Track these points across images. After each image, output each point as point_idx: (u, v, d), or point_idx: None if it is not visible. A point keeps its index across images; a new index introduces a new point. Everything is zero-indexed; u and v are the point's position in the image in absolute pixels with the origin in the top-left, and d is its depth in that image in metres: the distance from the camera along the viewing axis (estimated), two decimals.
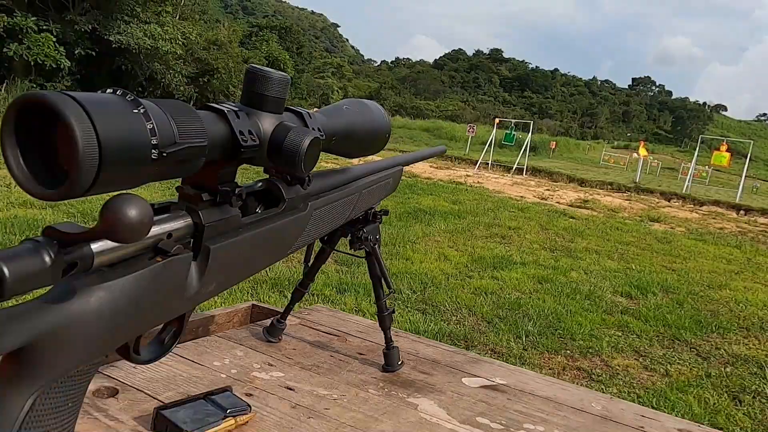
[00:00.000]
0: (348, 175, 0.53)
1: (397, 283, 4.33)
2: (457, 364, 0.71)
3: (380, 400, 0.57)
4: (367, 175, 0.57)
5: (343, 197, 0.50)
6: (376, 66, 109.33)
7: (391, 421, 0.52)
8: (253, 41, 35.73)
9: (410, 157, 0.76)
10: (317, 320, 0.80)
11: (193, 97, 23.72)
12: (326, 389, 0.57)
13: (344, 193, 0.51)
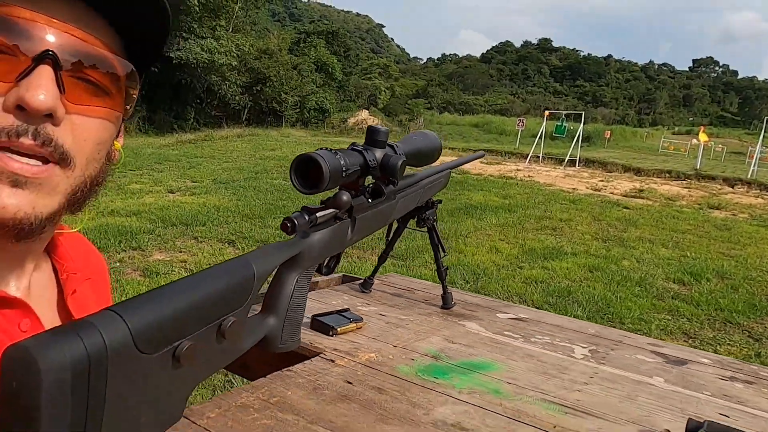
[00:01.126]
0: (416, 177, 0.83)
1: (451, 274, 4.60)
2: (495, 306, 1.00)
3: (440, 321, 0.87)
4: (428, 176, 0.86)
5: (414, 191, 0.81)
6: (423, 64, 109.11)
7: (449, 331, 0.82)
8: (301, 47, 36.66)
9: (456, 163, 1.05)
10: (393, 281, 1.11)
11: (248, 105, 24.76)
12: (405, 316, 0.88)
13: (415, 189, 0.81)
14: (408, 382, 0.62)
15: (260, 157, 11.58)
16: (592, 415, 0.58)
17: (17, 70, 0.41)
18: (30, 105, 0.41)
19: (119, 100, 0.49)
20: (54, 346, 0.31)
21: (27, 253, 0.51)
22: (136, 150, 11.71)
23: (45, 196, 0.44)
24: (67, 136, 0.44)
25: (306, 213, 0.55)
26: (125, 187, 7.54)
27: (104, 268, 0.69)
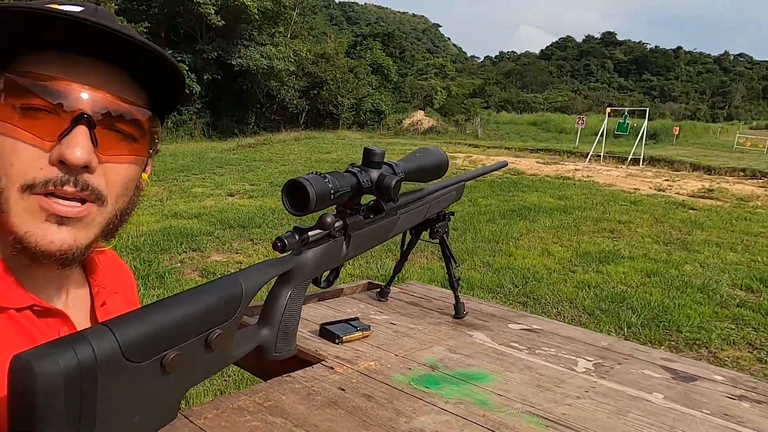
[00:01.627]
0: (422, 192, 0.86)
1: (499, 278, 4.55)
2: (509, 317, 1.01)
3: (448, 331, 0.89)
4: (436, 191, 0.89)
5: (418, 206, 0.84)
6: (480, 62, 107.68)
7: (454, 341, 0.85)
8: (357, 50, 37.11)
9: (471, 174, 1.06)
10: (412, 290, 1.15)
11: (305, 109, 25.35)
12: (414, 325, 0.91)
13: (419, 204, 0.84)
14: (398, 390, 0.65)
15: (315, 160, 11.85)
16: (573, 430, 0.59)
17: (59, 130, 0.50)
18: (70, 161, 0.49)
19: (145, 144, 0.57)
20: (49, 356, 0.37)
21: (67, 273, 0.60)
22: (200, 155, 12.29)
23: (83, 229, 0.53)
24: (101, 179, 0.53)
25: (297, 233, 0.60)
26: (188, 191, 7.94)
27: (132, 284, 0.77)
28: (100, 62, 0.52)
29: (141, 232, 5.33)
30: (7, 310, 0.52)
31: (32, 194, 0.50)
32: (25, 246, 0.51)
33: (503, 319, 0.99)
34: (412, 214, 0.82)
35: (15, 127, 0.50)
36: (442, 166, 0.84)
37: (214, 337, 0.49)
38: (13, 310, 0.52)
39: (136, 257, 4.52)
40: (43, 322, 0.56)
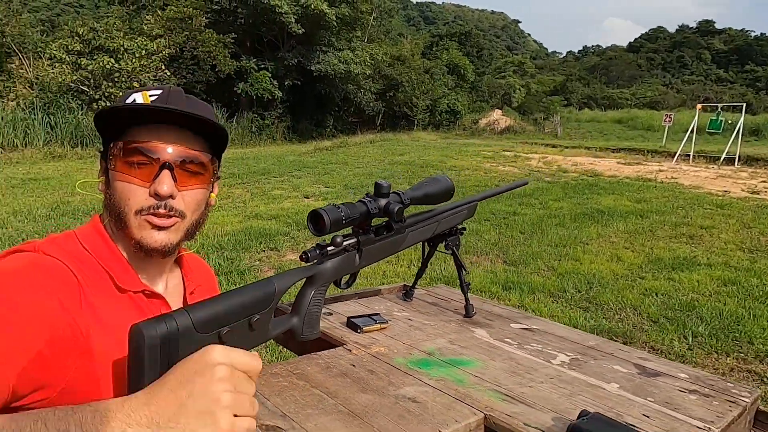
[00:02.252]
0: (431, 213, 1.05)
1: (563, 282, 4.57)
2: (514, 317, 1.18)
3: (454, 327, 1.08)
4: (444, 212, 1.08)
5: (426, 225, 1.03)
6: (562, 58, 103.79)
7: (456, 335, 1.03)
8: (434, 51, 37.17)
9: (486, 194, 1.23)
10: (437, 293, 1.34)
11: (381, 111, 25.85)
12: (428, 321, 1.11)
13: (427, 223, 1.03)
14: (396, 369, 0.85)
15: (389, 162, 12.15)
16: (523, 403, 0.77)
17: (153, 174, 0.78)
18: (160, 194, 0.77)
19: (208, 176, 0.84)
20: (152, 325, 0.61)
21: (165, 265, 0.88)
22: (279, 158, 12.98)
23: (173, 233, 0.81)
24: (181, 203, 0.80)
25: (318, 248, 0.82)
26: (268, 193, 8.49)
27: (213, 278, 1.04)
28: (176, 127, 0.80)
29: (225, 232, 5.84)
30: (128, 292, 0.79)
31: (141, 216, 0.79)
32: (141, 245, 0.79)
33: (508, 319, 1.16)
34: (420, 232, 1.02)
35: (129, 176, 0.79)
36: (447, 192, 1.03)
37: (255, 320, 0.71)
38: (131, 292, 0.79)
39: (221, 255, 4.99)
40: (150, 302, 0.83)
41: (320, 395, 0.74)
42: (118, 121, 0.79)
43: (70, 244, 0.80)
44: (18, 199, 7.32)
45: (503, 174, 11.09)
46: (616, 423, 0.67)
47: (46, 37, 19.50)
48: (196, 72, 18.05)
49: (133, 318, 0.65)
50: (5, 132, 11.83)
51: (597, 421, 0.67)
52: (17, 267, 0.72)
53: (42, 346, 0.67)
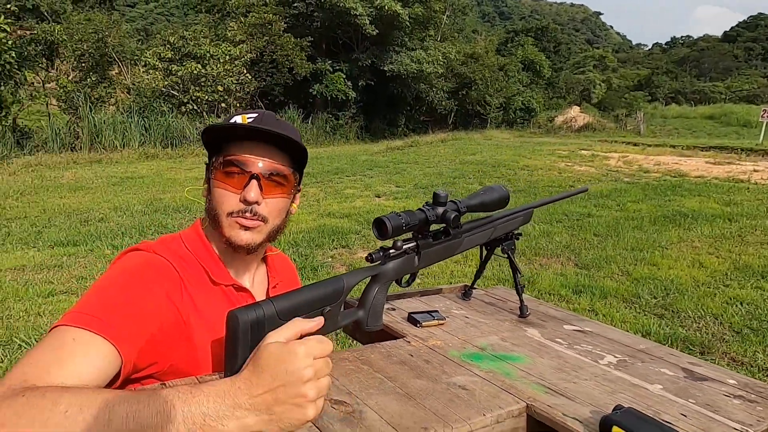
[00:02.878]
0: (487, 219, 1.13)
1: (637, 288, 4.43)
2: (568, 319, 1.23)
3: (508, 326, 1.15)
4: (501, 218, 1.15)
5: (482, 230, 1.11)
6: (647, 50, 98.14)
7: (509, 333, 1.11)
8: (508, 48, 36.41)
9: (543, 201, 1.29)
10: (495, 293, 1.41)
11: (453, 109, 25.72)
12: (483, 320, 1.19)
13: (483, 228, 1.11)
14: (449, 360, 0.95)
15: (460, 162, 12.13)
16: (564, 396, 0.84)
17: (243, 183, 0.93)
18: (248, 200, 0.92)
19: (290, 187, 0.98)
20: (245, 311, 0.75)
21: (251, 262, 1.03)
22: (352, 157, 13.31)
23: (257, 234, 0.96)
24: (265, 209, 0.94)
25: (382, 250, 0.94)
26: (341, 192, 8.77)
27: (295, 274, 1.18)
28: (265, 144, 0.94)
29: (300, 230, 6.13)
30: (220, 285, 0.94)
31: (231, 217, 0.94)
32: (230, 242, 0.95)
33: (562, 321, 1.22)
34: (476, 236, 1.10)
35: (224, 183, 0.94)
36: (502, 200, 1.11)
37: (326, 311, 0.84)
38: (223, 285, 0.95)
39: (296, 251, 5.26)
40: (239, 295, 0.98)
41: (381, 378, 0.85)
42: (220, 139, 0.95)
43: (175, 244, 0.97)
44: (117, 195, 8.05)
45: (578, 174, 10.75)
46: (647, 417, 0.73)
47: (141, 45, 21.10)
48: (275, 75, 18.84)
49: (225, 308, 0.79)
50: (106, 134, 12.96)
51: (629, 415, 0.73)
52: (135, 265, 0.89)
53: (155, 330, 0.83)
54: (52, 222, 6.37)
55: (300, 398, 0.63)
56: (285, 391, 0.63)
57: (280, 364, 0.64)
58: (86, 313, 0.75)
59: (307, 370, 0.64)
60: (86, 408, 0.58)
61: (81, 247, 5.34)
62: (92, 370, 0.71)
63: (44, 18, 17.57)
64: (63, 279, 4.38)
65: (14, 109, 12.86)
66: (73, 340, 0.72)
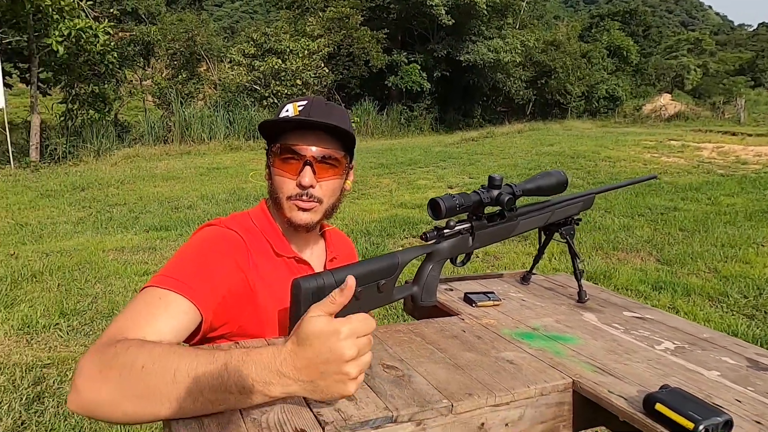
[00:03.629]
0: (544, 204, 1.14)
1: (725, 286, 4.15)
2: (629, 306, 1.21)
3: (564, 310, 1.16)
4: (559, 202, 1.16)
5: (538, 214, 1.12)
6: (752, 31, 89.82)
7: (564, 317, 1.12)
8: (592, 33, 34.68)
9: (607, 188, 1.28)
10: (555, 279, 1.41)
11: (531, 99, 24.95)
12: (540, 303, 1.20)
13: (540, 213, 1.12)
14: (500, 337, 0.99)
15: (536, 153, 11.80)
16: (612, 375, 0.85)
17: (298, 169, 1.01)
18: (303, 185, 1.00)
19: (341, 169, 1.06)
20: (308, 280, 0.83)
21: (310, 237, 1.12)
22: (426, 149, 13.32)
23: (314, 214, 1.04)
24: (319, 191, 1.03)
25: (436, 230, 0.98)
26: (414, 183, 8.84)
27: (352, 249, 1.26)
28: (315, 130, 1.02)
29: (372, 219, 6.26)
30: (283, 257, 1.04)
31: (291, 200, 1.03)
32: (291, 222, 1.04)
33: (622, 307, 1.21)
34: (532, 220, 1.12)
35: (281, 170, 1.03)
36: (560, 185, 1.12)
37: (381, 284, 0.90)
38: (285, 257, 1.04)
39: (367, 240, 5.40)
40: (299, 266, 1.07)
41: (432, 349, 0.90)
42: (275, 129, 1.05)
43: (244, 220, 1.07)
44: (204, 185, 8.60)
45: (666, 166, 10.14)
46: (693, 397, 0.73)
47: (227, 43, 22.20)
48: (351, 68, 19.17)
49: (287, 277, 0.88)
50: (195, 128, 13.81)
51: (674, 394, 0.74)
52: (210, 237, 1.00)
53: (225, 293, 0.94)
54: (147, 208, 6.93)
55: (342, 375, 0.66)
56: (327, 367, 0.66)
57: (325, 342, 0.66)
58: (171, 276, 0.86)
59: (350, 349, 0.66)
60: (159, 363, 0.68)
61: (172, 231, 5.78)
62: (175, 324, 0.82)
63: (141, 20, 18.94)
64: (156, 260, 4.77)
65: (116, 105, 14.02)
66: (159, 299, 0.83)
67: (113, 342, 0.74)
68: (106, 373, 0.68)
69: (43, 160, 10.91)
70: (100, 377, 0.68)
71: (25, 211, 6.78)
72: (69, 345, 3.11)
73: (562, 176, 1.13)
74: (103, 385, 0.67)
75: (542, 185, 1.10)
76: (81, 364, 0.70)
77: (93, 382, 0.68)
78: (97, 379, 0.68)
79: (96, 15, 12.17)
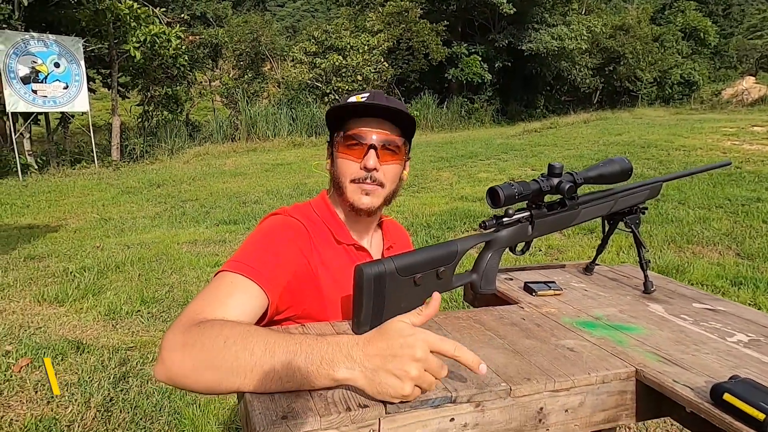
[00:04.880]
0: (608, 192, 1.11)
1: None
2: (699, 298, 1.17)
3: (629, 300, 1.13)
4: (623, 191, 1.13)
5: (601, 203, 1.10)
6: None
7: (629, 307, 1.09)
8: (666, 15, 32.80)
9: (675, 175, 1.22)
10: (620, 270, 1.38)
11: (599, 88, 23.95)
12: (603, 293, 1.18)
13: (602, 201, 1.10)
14: (561, 326, 0.98)
15: (603, 143, 11.34)
16: (678, 366, 0.83)
17: (363, 153, 1.05)
18: (368, 168, 1.04)
19: (402, 155, 1.09)
20: (370, 266, 0.86)
21: (370, 225, 1.16)
22: (487, 141, 13.12)
23: (375, 198, 1.08)
24: (382, 175, 1.07)
25: (495, 219, 0.99)
26: (474, 176, 8.74)
27: (407, 238, 1.29)
28: (378, 118, 1.06)
29: (432, 212, 6.26)
30: (343, 244, 1.08)
31: (354, 183, 1.08)
32: (353, 206, 1.09)
33: (692, 299, 1.17)
34: (594, 209, 1.10)
35: (347, 155, 1.07)
36: (624, 172, 1.09)
37: (441, 271, 0.92)
38: (345, 245, 1.08)
39: (428, 233, 5.41)
40: (358, 253, 1.11)
41: (491, 336, 0.92)
42: (340, 117, 1.09)
43: (307, 209, 1.12)
44: (269, 180, 8.90)
45: (748, 154, 9.47)
46: (765, 388, 0.71)
47: (289, 42, 22.76)
48: (411, 62, 19.14)
49: (347, 264, 0.92)
50: (260, 125, 14.30)
51: (745, 384, 0.71)
52: (276, 224, 1.06)
53: (290, 278, 0.99)
54: (217, 203, 7.27)
55: (402, 372, 0.68)
56: (393, 360, 0.69)
57: (399, 338, 0.70)
58: (241, 262, 0.93)
59: (420, 351, 0.68)
60: (239, 339, 0.74)
61: (240, 225, 6.04)
62: (247, 307, 0.88)
63: (210, 23, 19.78)
64: (226, 252, 5.01)
65: (187, 106, 14.75)
66: (231, 283, 0.90)
67: (194, 320, 0.80)
68: (192, 346, 0.75)
69: (123, 159, 11.68)
70: (184, 350, 0.75)
71: (108, 207, 7.30)
72: (149, 330, 3.34)
73: (626, 163, 1.10)
74: (187, 356, 0.74)
75: (604, 173, 1.08)
76: (166, 340, 0.77)
77: (178, 353, 0.75)
78: (183, 352, 0.74)
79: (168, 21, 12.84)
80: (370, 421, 0.68)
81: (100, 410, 2.43)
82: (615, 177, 1.09)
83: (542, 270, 1.38)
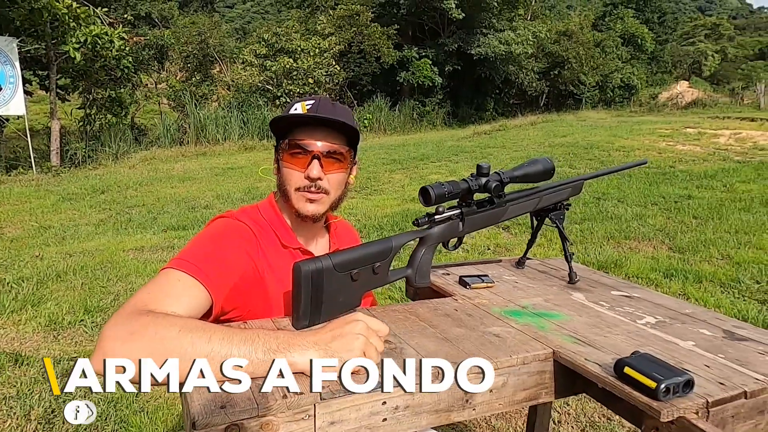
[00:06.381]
0: (533, 190, 1.20)
1: (737, 272, 4.15)
2: (618, 286, 1.27)
3: (555, 290, 1.22)
4: (547, 189, 1.22)
5: (527, 200, 1.19)
6: None
7: (554, 296, 1.18)
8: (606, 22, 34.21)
9: (595, 174, 1.33)
10: (550, 263, 1.47)
11: (545, 91, 24.76)
12: (532, 284, 1.26)
13: (528, 198, 1.19)
14: (489, 314, 1.06)
15: (549, 145, 11.75)
16: (591, 346, 0.92)
17: (306, 162, 1.09)
18: (311, 177, 1.08)
19: (347, 163, 1.12)
20: (307, 264, 0.91)
21: (316, 229, 1.19)
22: (438, 143, 13.34)
23: (320, 206, 1.11)
24: (326, 183, 1.10)
25: (427, 216, 1.05)
26: (426, 178, 8.88)
27: (356, 238, 1.34)
28: (322, 127, 1.09)
29: (385, 214, 6.33)
30: (289, 248, 1.11)
31: (298, 192, 1.11)
32: (299, 213, 1.12)
33: (611, 287, 1.27)
34: (520, 206, 1.19)
35: (290, 163, 1.11)
36: (546, 172, 1.18)
37: (376, 267, 0.98)
38: (291, 248, 1.12)
39: (380, 234, 5.47)
40: (304, 257, 1.14)
41: (424, 326, 0.98)
42: (284, 126, 1.12)
43: (254, 213, 1.15)
44: (220, 185, 8.75)
45: (681, 154, 10.04)
46: (660, 361, 0.80)
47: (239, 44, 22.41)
48: (363, 65, 19.22)
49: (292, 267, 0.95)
50: (210, 129, 14.01)
51: (642, 359, 0.80)
52: (224, 227, 1.09)
53: (237, 281, 1.02)
54: (165, 209, 7.09)
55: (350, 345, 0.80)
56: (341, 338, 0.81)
57: (345, 324, 0.83)
58: (187, 261, 0.95)
59: (360, 329, 0.82)
60: (195, 329, 0.77)
61: (189, 230, 5.92)
62: (192, 304, 0.91)
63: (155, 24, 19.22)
64: None
65: (132, 109, 14.28)
66: (177, 280, 0.92)
67: (141, 311, 0.82)
68: (141, 334, 0.76)
69: (63, 164, 11.19)
70: (132, 338, 0.76)
71: (48, 215, 6.99)
72: (93, 340, 3.24)
73: (548, 163, 1.19)
74: (136, 344, 0.75)
75: (529, 172, 1.16)
76: (108, 329, 0.78)
77: (123, 343, 0.76)
78: (129, 341, 0.76)
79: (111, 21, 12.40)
80: (306, 407, 0.73)
81: (42, 422, 2.35)
82: (538, 176, 1.18)
83: (479, 265, 1.45)
